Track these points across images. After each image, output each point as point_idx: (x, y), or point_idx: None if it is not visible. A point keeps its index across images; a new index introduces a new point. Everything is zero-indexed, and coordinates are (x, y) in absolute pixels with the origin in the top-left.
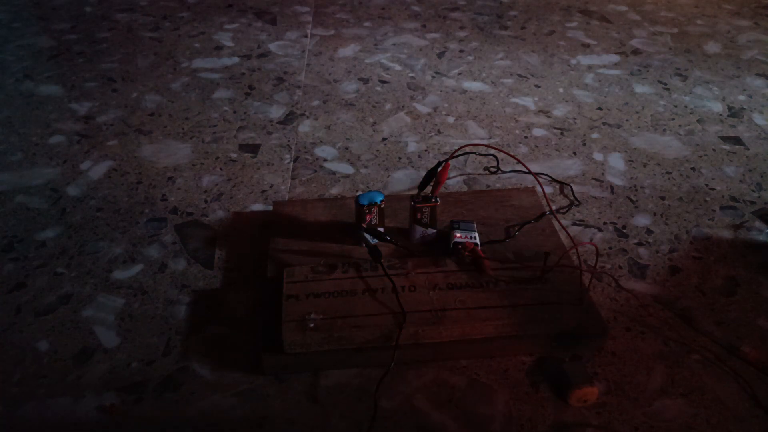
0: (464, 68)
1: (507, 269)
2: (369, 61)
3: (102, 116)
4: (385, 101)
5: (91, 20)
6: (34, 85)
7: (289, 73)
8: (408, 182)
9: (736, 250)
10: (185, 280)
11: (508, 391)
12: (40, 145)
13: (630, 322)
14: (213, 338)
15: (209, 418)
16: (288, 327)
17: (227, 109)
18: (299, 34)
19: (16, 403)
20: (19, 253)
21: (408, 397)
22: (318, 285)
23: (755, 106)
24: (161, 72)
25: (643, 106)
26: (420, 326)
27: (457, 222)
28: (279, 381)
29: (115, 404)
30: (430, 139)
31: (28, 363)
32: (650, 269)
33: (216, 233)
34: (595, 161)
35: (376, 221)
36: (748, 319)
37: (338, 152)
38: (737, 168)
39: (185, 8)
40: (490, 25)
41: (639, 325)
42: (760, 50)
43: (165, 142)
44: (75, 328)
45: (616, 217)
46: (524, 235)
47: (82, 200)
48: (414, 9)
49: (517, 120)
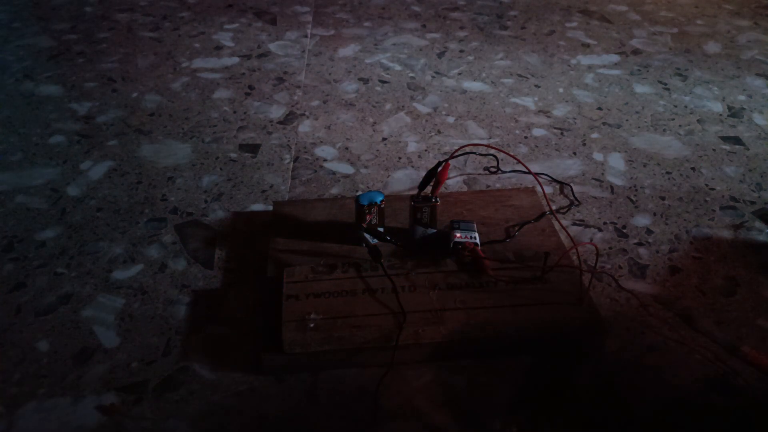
0: (464, 68)
1: (507, 269)
2: (369, 61)
3: (102, 116)
4: (385, 101)
5: (91, 20)
6: (34, 85)
7: (289, 73)
8: (408, 182)
9: (736, 250)
10: (185, 280)
11: (508, 391)
12: (40, 145)
13: (630, 322)
14: (213, 338)
15: (209, 418)
16: (288, 327)
17: (227, 109)
18: (299, 34)
19: (16, 403)
20: (19, 253)
21: (408, 397)
22: (318, 285)
23: (755, 106)
24: (161, 72)
25: (643, 106)
26: (420, 326)
27: (457, 222)
28: (279, 381)
29: (115, 404)
30: (430, 139)
31: (28, 363)
32: (650, 269)
33: (216, 233)
34: (595, 161)
35: (376, 221)
36: (748, 319)
37: (338, 152)
38: (737, 168)
39: (185, 8)
40: (490, 25)
41: (639, 325)
42: (760, 50)
43: (165, 142)
44: (75, 328)
45: (616, 217)
46: (524, 235)
47: (82, 200)
48: (414, 9)
49: (517, 120)
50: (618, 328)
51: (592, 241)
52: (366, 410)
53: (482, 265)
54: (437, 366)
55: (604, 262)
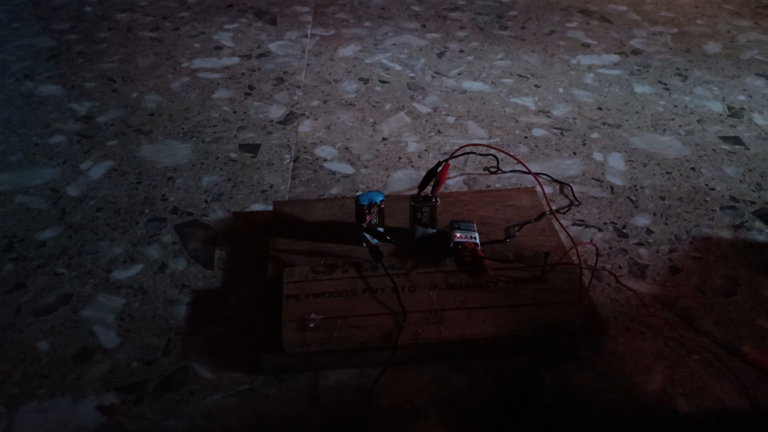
0: (464, 68)
1: (507, 269)
2: (369, 61)
3: (102, 116)
4: (385, 101)
5: (91, 20)
6: (34, 85)
7: (289, 73)
8: (408, 182)
9: (736, 250)
10: (185, 280)
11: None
12: (40, 145)
13: (630, 322)
14: (213, 338)
15: (209, 418)
16: (288, 327)
17: (227, 109)
18: (299, 34)
19: (16, 403)
20: (19, 253)
21: (408, 397)
22: (318, 285)
23: (755, 106)
24: (161, 72)
25: (643, 106)
26: (420, 326)
27: (457, 222)
28: (279, 381)
29: (115, 404)
30: (430, 139)
31: (28, 363)
32: (650, 269)
33: (216, 233)
34: (595, 161)
35: (376, 221)
36: (748, 319)
37: (338, 152)
38: (737, 168)
39: (185, 8)
40: (490, 25)
41: (639, 325)
42: (760, 50)
43: (165, 142)
44: (75, 328)
45: (616, 217)
46: (524, 235)
47: (82, 200)
48: (414, 9)
49: (517, 120)
50: (618, 328)
51: (592, 241)
52: (366, 410)
53: (482, 265)
54: (437, 366)
55: (604, 262)
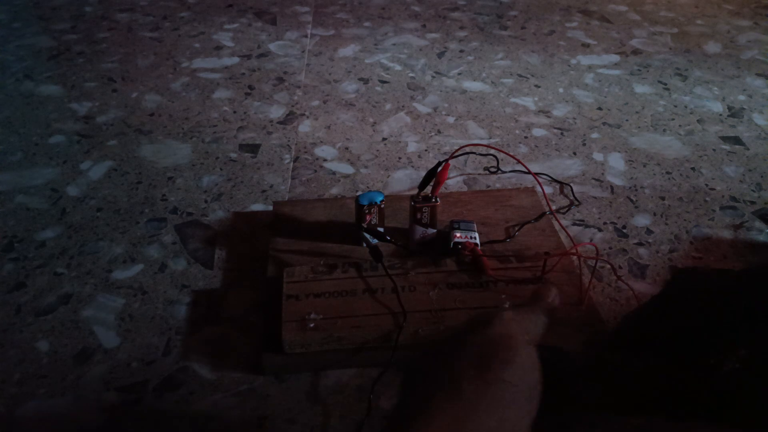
0: (464, 68)
1: (507, 269)
2: (369, 61)
3: (102, 116)
4: (385, 101)
5: (91, 20)
6: (34, 85)
7: (289, 73)
8: (408, 182)
9: (736, 250)
10: (185, 280)
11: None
12: (40, 145)
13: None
14: (213, 338)
15: (209, 418)
16: (288, 327)
17: (227, 109)
18: (299, 34)
19: (16, 403)
20: (19, 253)
21: None
22: (318, 285)
23: (755, 106)
24: (161, 72)
25: (643, 106)
26: (420, 326)
27: (457, 222)
28: (279, 381)
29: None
30: (430, 139)
31: (28, 363)
32: (650, 269)
33: (216, 233)
34: (595, 161)
35: (376, 221)
36: None
37: (338, 152)
38: (737, 168)
39: (185, 8)
40: (490, 25)
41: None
42: (760, 50)
43: (165, 142)
44: (75, 328)
45: (616, 217)
46: (524, 235)
47: (82, 200)
48: (414, 9)
49: (517, 120)
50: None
51: (592, 241)
52: (366, 410)
53: (482, 265)
54: None
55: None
